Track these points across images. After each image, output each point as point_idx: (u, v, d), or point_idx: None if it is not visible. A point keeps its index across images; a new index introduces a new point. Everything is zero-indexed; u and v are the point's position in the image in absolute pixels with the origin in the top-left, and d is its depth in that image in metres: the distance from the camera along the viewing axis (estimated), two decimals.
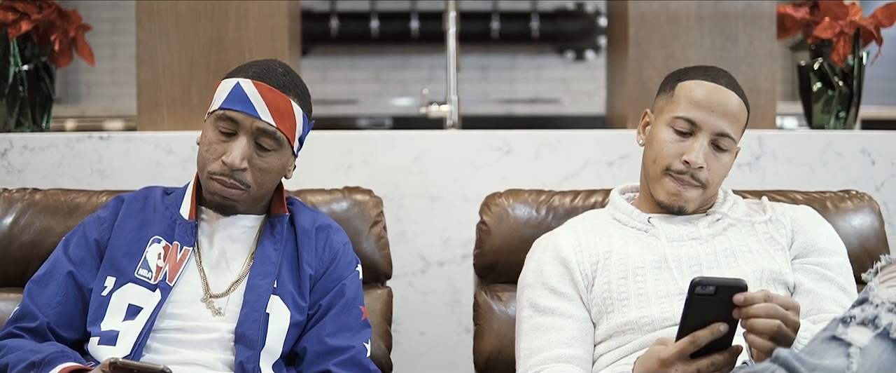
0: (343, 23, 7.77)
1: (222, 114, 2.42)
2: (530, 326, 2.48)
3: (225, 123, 2.42)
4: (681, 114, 2.48)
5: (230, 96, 2.43)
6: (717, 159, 2.47)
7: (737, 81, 2.56)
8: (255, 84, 2.43)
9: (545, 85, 8.11)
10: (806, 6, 3.71)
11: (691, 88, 2.50)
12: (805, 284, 2.42)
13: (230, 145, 2.41)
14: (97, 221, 2.53)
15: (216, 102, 2.45)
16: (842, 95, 3.64)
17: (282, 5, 3.62)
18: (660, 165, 2.49)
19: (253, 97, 2.42)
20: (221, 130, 2.43)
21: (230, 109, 2.41)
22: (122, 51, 7.60)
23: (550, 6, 8.00)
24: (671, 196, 2.49)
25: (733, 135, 2.48)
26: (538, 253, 2.58)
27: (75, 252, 2.49)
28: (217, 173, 2.42)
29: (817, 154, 3.47)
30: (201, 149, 2.45)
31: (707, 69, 2.55)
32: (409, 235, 3.43)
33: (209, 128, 2.45)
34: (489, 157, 3.45)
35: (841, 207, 2.87)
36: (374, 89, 8.00)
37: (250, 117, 2.41)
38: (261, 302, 2.41)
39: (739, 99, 2.50)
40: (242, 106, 2.41)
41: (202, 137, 2.47)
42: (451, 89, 4.05)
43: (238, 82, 2.44)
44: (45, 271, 2.48)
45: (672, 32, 3.69)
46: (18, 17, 3.48)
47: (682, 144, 2.47)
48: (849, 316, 1.84)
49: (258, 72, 2.46)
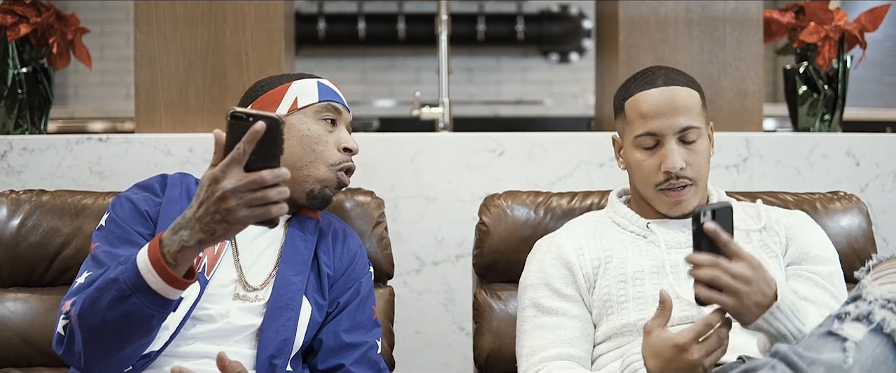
0: (330, 24, 7.80)
1: (327, 104, 2.58)
2: (533, 325, 2.52)
3: (330, 112, 2.57)
4: (639, 132, 2.51)
5: (323, 91, 2.60)
6: (694, 152, 2.50)
7: (673, 69, 2.59)
8: (331, 82, 2.65)
9: (530, 87, 8.16)
10: (792, 11, 3.77)
11: (637, 103, 2.53)
12: (800, 290, 2.46)
13: (338, 134, 2.57)
14: (147, 198, 2.50)
15: (308, 97, 2.58)
16: (827, 98, 3.70)
17: (278, 8, 3.65)
18: (648, 185, 2.53)
19: (339, 93, 2.64)
20: (326, 120, 2.56)
21: (333, 101, 2.59)
22: (111, 52, 7.61)
23: (535, 9, 8.05)
24: (673, 207, 2.53)
25: (695, 123, 2.49)
26: (541, 254, 2.62)
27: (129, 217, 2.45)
28: (340, 162, 2.56)
29: (803, 156, 3.53)
30: (303, 142, 2.53)
31: (643, 75, 2.58)
32: (404, 236, 3.47)
33: (308, 122, 2.55)
34: (483, 158, 3.50)
35: (830, 208, 2.93)
36: (361, 91, 8.03)
37: (345, 110, 2.63)
38: (295, 300, 2.43)
39: (683, 87, 2.52)
40: (338, 99, 2.62)
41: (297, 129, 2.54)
42: (442, 92, 4.09)
43: (317, 81, 2.61)
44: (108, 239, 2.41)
45: (661, 36, 3.74)
46: (17, 20, 3.51)
47: (656, 157, 2.50)
48: (844, 312, 1.91)
49: (317, 76, 2.65)
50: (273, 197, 1.94)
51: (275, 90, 2.58)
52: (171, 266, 2.02)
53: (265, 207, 1.94)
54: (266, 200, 1.93)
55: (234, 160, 1.92)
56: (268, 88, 2.59)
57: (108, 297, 2.07)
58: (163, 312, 2.09)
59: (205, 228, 1.98)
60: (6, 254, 2.78)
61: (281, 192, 1.94)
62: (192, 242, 2.00)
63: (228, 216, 1.95)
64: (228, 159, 1.92)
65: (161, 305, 2.06)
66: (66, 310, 2.21)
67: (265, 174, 1.92)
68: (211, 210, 1.96)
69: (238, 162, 1.92)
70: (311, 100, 2.56)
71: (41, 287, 2.81)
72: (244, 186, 1.92)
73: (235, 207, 1.93)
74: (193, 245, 2.01)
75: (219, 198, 1.94)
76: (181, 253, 2.01)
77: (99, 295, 2.09)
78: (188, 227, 2.00)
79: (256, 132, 1.90)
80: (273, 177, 1.92)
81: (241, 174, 1.93)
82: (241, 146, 1.91)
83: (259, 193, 1.93)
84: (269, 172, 1.92)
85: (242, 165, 1.92)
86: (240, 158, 1.92)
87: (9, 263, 2.79)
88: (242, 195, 1.93)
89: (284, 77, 2.62)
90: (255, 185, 1.92)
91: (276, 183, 1.93)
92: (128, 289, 2.05)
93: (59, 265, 2.80)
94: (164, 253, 2.02)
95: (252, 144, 1.91)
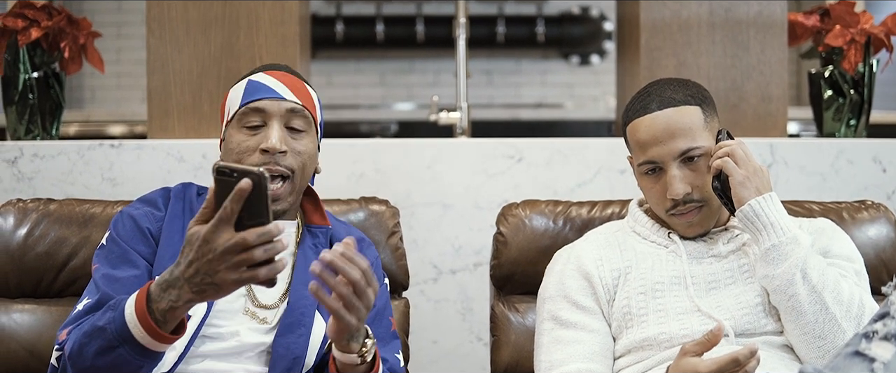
0: (348, 27, 7.76)
1: (246, 109, 2.39)
2: (551, 338, 2.47)
3: (251, 116, 2.39)
4: (640, 160, 2.47)
5: (247, 92, 2.41)
6: (700, 172, 2.44)
7: (671, 83, 2.52)
8: (268, 74, 2.44)
9: (550, 90, 8.11)
10: (817, 14, 3.70)
11: (635, 131, 2.48)
12: None
13: (263, 135, 2.39)
14: (149, 214, 2.42)
15: (233, 106, 2.42)
16: (852, 102, 3.64)
17: (293, 11, 3.60)
18: (659, 210, 2.50)
19: (272, 84, 2.41)
20: (248, 126, 2.39)
21: (253, 100, 2.39)
22: (127, 55, 7.58)
23: (556, 11, 7.99)
24: (687, 229, 2.49)
25: (696, 143, 2.43)
26: (560, 266, 2.56)
27: (129, 235, 2.38)
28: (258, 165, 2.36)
29: (829, 162, 3.47)
30: (229, 157, 2.40)
31: (639, 98, 2.52)
32: (420, 243, 3.42)
33: (233, 133, 2.41)
34: (501, 164, 3.44)
35: (857, 217, 2.86)
36: (379, 94, 7.99)
37: (277, 101, 2.40)
38: (307, 316, 2.36)
39: (679, 106, 2.45)
40: (265, 93, 2.40)
41: (226, 145, 2.43)
42: (460, 96, 4.03)
43: (249, 79, 2.44)
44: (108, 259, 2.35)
45: (684, 40, 3.68)
46: (28, 24, 3.47)
47: (660, 183, 2.45)
48: (871, 331, 1.83)
49: (264, 67, 2.47)
50: (259, 257, 1.88)
51: (221, 105, 2.49)
52: (159, 324, 1.99)
53: (253, 269, 1.89)
54: (252, 260, 1.88)
55: (222, 220, 1.87)
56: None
57: (95, 344, 2.04)
58: (151, 363, 2.05)
59: (194, 289, 1.94)
60: (13, 264, 2.73)
61: (267, 250, 1.88)
62: (180, 302, 1.96)
63: (217, 278, 1.91)
64: (216, 220, 1.88)
65: (149, 357, 2.03)
66: (62, 340, 2.17)
67: (248, 235, 1.87)
68: (202, 271, 1.91)
69: (227, 222, 1.87)
70: (234, 108, 2.42)
71: (48, 298, 2.76)
72: (230, 248, 1.87)
73: (223, 270, 1.89)
74: (182, 305, 1.97)
75: (209, 260, 1.89)
76: (170, 312, 1.97)
77: (87, 341, 2.06)
78: (177, 286, 1.95)
79: (242, 191, 1.85)
80: (256, 237, 1.87)
81: (231, 233, 1.88)
82: (227, 206, 1.86)
83: (244, 255, 1.88)
84: (252, 233, 1.87)
85: (231, 224, 1.88)
86: (228, 218, 1.87)
87: (15, 273, 2.74)
88: (229, 258, 1.88)
89: (238, 81, 2.49)
90: (239, 246, 1.87)
91: (261, 242, 1.88)
92: (115, 340, 2.01)
93: (67, 276, 2.74)
94: (151, 309, 1.98)
95: (239, 202, 1.86)
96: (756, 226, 2.35)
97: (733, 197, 2.37)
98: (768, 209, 2.35)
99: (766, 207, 2.35)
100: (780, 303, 2.33)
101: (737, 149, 2.38)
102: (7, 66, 3.52)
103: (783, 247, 2.32)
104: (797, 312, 2.30)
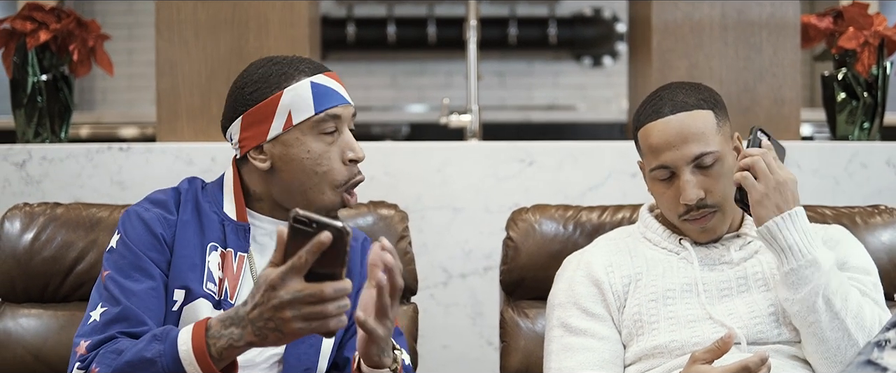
0: (360, 29, 7.75)
1: (325, 116, 2.27)
2: (560, 345, 2.44)
3: (329, 122, 2.28)
4: (653, 165, 2.42)
5: (318, 97, 2.28)
6: (712, 177, 2.39)
7: (683, 87, 2.47)
8: (326, 75, 2.33)
9: (562, 91, 8.09)
10: (830, 16, 3.67)
11: (647, 136, 2.44)
12: None
13: (340, 143, 2.31)
14: (160, 217, 2.31)
15: (303, 110, 2.27)
16: (866, 105, 3.61)
17: (302, 13, 3.59)
18: (672, 216, 2.45)
19: (336, 87, 2.32)
20: (326, 132, 2.29)
21: (331, 107, 2.29)
22: (138, 57, 7.58)
23: (568, 12, 7.97)
24: (700, 234, 2.45)
25: (709, 148, 2.38)
26: (569, 272, 2.53)
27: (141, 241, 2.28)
28: (347, 181, 2.33)
29: (842, 166, 3.44)
30: (304, 164, 2.28)
31: (650, 102, 2.47)
32: (430, 247, 3.40)
33: (306, 140, 2.28)
34: (512, 168, 3.43)
35: (870, 222, 2.82)
36: (391, 96, 7.98)
37: (347, 107, 2.32)
38: None
39: (692, 110, 2.41)
40: (337, 99, 2.30)
41: (292, 152, 2.29)
42: (471, 99, 4.01)
43: (310, 81, 2.30)
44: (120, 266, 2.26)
45: (696, 42, 3.66)
46: (37, 26, 3.46)
47: (673, 188, 2.41)
48: (883, 340, 1.82)
49: (309, 66, 2.34)
50: (331, 312, 1.85)
51: (266, 103, 2.29)
52: (215, 361, 1.95)
53: (322, 321, 1.86)
54: (324, 314, 1.85)
55: (294, 269, 1.83)
56: (258, 97, 2.31)
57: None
58: None
59: (257, 332, 1.90)
60: (19, 268, 2.71)
61: (340, 306, 1.86)
62: (241, 343, 1.93)
63: (283, 326, 1.87)
64: (288, 267, 1.83)
65: None
66: (82, 355, 2.12)
67: (326, 289, 1.83)
68: (265, 316, 1.88)
69: (298, 272, 1.83)
70: (306, 113, 2.27)
71: (55, 303, 2.74)
72: (303, 298, 1.84)
73: (291, 319, 1.86)
74: (242, 346, 1.93)
75: (275, 306, 1.86)
76: (227, 350, 1.94)
77: (131, 371, 2.02)
78: (240, 326, 1.92)
79: (321, 244, 1.81)
80: (333, 291, 1.84)
81: (301, 284, 1.84)
82: (303, 255, 1.82)
83: (318, 308, 1.85)
84: (330, 286, 1.84)
85: (303, 274, 1.84)
86: (301, 268, 1.83)
87: (22, 278, 2.71)
88: (300, 308, 1.85)
89: (273, 76, 2.32)
90: (314, 298, 1.84)
91: (337, 297, 1.85)
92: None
93: (74, 280, 2.72)
94: (209, 344, 1.95)
95: (315, 255, 1.82)
96: (774, 248, 2.27)
97: (752, 214, 2.30)
98: (787, 230, 2.26)
99: (785, 227, 2.25)
100: (801, 326, 2.28)
101: (759, 161, 2.28)
102: (15, 69, 3.51)
103: (802, 271, 2.24)
104: (818, 337, 2.25)
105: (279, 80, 2.30)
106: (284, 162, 2.30)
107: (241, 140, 2.34)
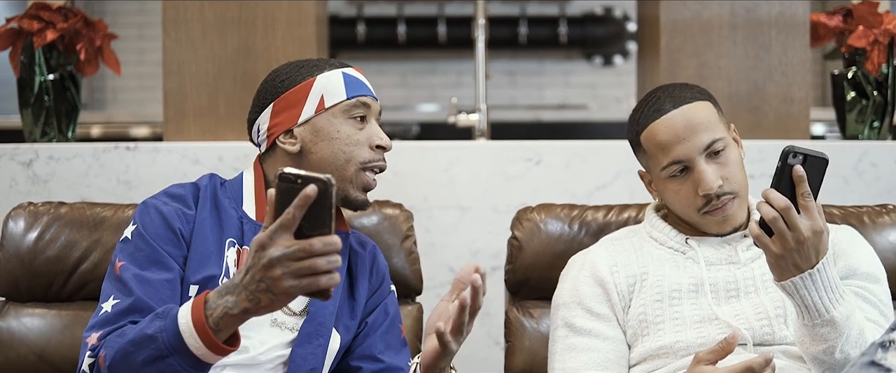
0: (370, 28, 7.75)
1: (356, 101, 2.37)
2: (564, 346, 2.43)
3: (360, 109, 2.37)
4: (665, 162, 2.40)
5: (350, 85, 2.38)
6: (725, 164, 2.38)
7: (677, 86, 2.47)
8: (355, 70, 2.44)
9: (573, 90, 8.07)
10: (839, 14, 3.65)
11: (653, 136, 2.42)
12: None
13: (370, 130, 2.39)
14: (179, 211, 2.32)
15: (335, 95, 2.37)
16: (876, 104, 3.59)
17: (310, 12, 3.58)
18: (690, 212, 2.43)
19: (366, 81, 2.43)
20: (356, 117, 2.37)
21: (362, 95, 2.38)
22: (150, 56, 7.59)
23: (579, 11, 7.96)
24: (721, 225, 2.42)
25: (718, 135, 2.38)
26: (574, 272, 2.52)
27: (158, 234, 2.29)
28: (371, 161, 2.37)
29: (851, 165, 3.42)
30: (333, 144, 2.35)
31: (648, 103, 2.47)
32: (438, 247, 3.39)
33: (337, 122, 2.35)
34: (519, 167, 3.41)
35: (878, 222, 2.80)
36: (401, 95, 7.98)
37: (375, 100, 2.42)
38: (326, 327, 2.31)
39: (693, 102, 2.41)
40: (366, 90, 2.41)
41: (323, 134, 2.36)
42: (479, 98, 4.00)
43: (343, 72, 2.40)
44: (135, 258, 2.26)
45: (704, 41, 3.64)
46: (44, 26, 3.46)
47: (689, 182, 2.39)
48: (888, 341, 1.80)
49: (338, 62, 2.45)
50: (322, 266, 1.82)
51: (298, 88, 2.38)
52: (214, 332, 1.93)
53: (313, 278, 1.83)
54: (314, 269, 1.82)
55: (282, 226, 1.81)
56: (289, 84, 2.39)
57: (144, 354, 1.98)
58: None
59: (250, 297, 1.88)
60: (23, 268, 2.70)
61: (331, 261, 1.82)
62: (236, 310, 1.90)
63: (274, 286, 1.84)
64: (277, 225, 1.81)
65: (200, 368, 1.96)
66: (93, 344, 2.11)
67: (314, 242, 1.80)
68: (256, 278, 1.85)
69: (287, 228, 1.81)
70: (338, 97, 2.36)
71: (59, 302, 2.73)
72: (291, 254, 1.81)
73: (281, 276, 1.82)
74: (237, 314, 1.91)
75: (264, 265, 1.83)
76: (224, 319, 1.91)
77: (134, 350, 2.00)
78: (234, 293, 1.90)
79: (307, 197, 1.78)
80: (323, 245, 1.81)
81: (290, 241, 1.82)
82: (290, 211, 1.80)
83: (306, 262, 1.81)
84: (318, 241, 1.81)
85: (292, 231, 1.81)
86: (289, 224, 1.81)
87: (26, 277, 2.71)
88: (289, 264, 1.82)
89: (305, 67, 2.42)
90: (303, 253, 1.81)
91: (327, 252, 1.82)
92: (166, 349, 1.95)
93: (78, 280, 2.71)
94: (207, 316, 1.93)
95: (302, 209, 1.79)
96: (794, 301, 2.17)
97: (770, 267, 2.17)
98: (804, 290, 2.13)
99: (803, 287, 2.13)
100: (810, 363, 2.23)
101: (778, 222, 2.09)
102: (23, 68, 3.51)
103: (818, 329, 2.16)
104: (827, 364, 2.20)
105: (312, 70, 2.40)
106: (314, 143, 2.36)
107: (270, 128, 2.39)
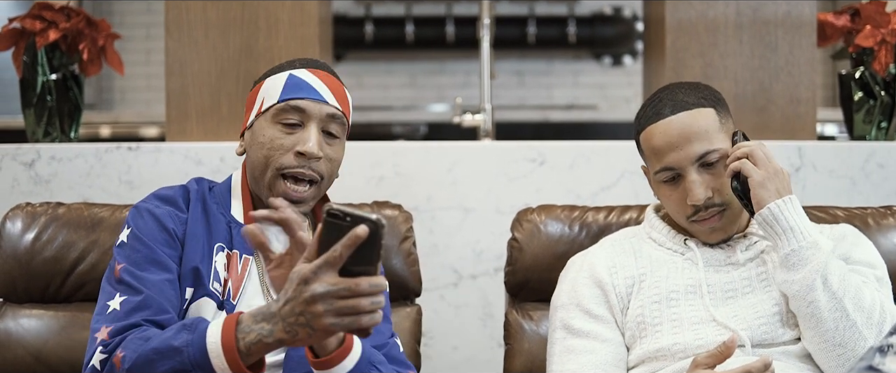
0: (378, 28, 7.74)
1: (285, 105, 2.29)
2: (563, 348, 2.41)
3: (290, 113, 2.29)
4: (657, 167, 2.39)
5: (288, 88, 2.31)
6: (717, 176, 2.37)
7: (683, 87, 2.45)
8: (311, 71, 2.34)
9: (582, 90, 8.05)
10: (847, 14, 3.63)
11: (649, 139, 2.41)
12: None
13: (300, 136, 2.29)
14: (171, 213, 2.31)
15: (270, 98, 2.31)
16: (883, 104, 3.56)
17: (312, 12, 3.57)
18: (680, 218, 2.42)
19: (314, 84, 2.32)
20: (285, 123, 2.29)
21: (295, 98, 2.29)
22: (156, 56, 7.59)
23: (588, 11, 7.94)
24: (710, 235, 2.42)
25: (713, 146, 2.36)
26: (573, 273, 2.50)
27: (153, 236, 2.27)
28: (289, 167, 2.27)
29: (859, 166, 3.40)
30: (258, 150, 2.30)
31: (650, 104, 2.45)
32: (440, 248, 3.37)
33: (265, 126, 2.31)
34: (523, 168, 3.39)
35: (882, 223, 2.78)
36: (409, 95, 7.97)
37: (318, 103, 2.30)
38: None
39: (693, 109, 2.38)
40: (307, 93, 2.30)
41: (254, 138, 2.32)
42: (484, 98, 3.99)
43: (290, 74, 2.33)
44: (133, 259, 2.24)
45: (710, 41, 3.62)
46: (46, 25, 3.45)
47: (679, 190, 2.38)
48: (886, 345, 1.78)
49: (305, 62, 2.37)
50: (365, 307, 1.81)
51: (253, 90, 2.38)
52: (243, 355, 1.92)
53: (355, 316, 1.82)
54: (357, 309, 1.81)
55: (328, 263, 1.80)
56: (254, 85, 2.40)
57: (167, 364, 1.97)
58: None
59: (288, 329, 1.87)
60: (20, 269, 2.69)
61: (375, 302, 1.82)
62: (270, 339, 1.90)
63: (314, 322, 1.84)
64: (322, 261, 1.80)
65: None
66: (104, 340, 2.09)
67: (361, 282, 1.80)
68: (296, 311, 1.84)
69: (333, 266, 1.80)
70: (271, 101, 2.31)
71: (56, 303, 2.71)
72: (336, 292, 1.80)
73: (323, 313, 1.82)
74: (271, 343, 1.90)
75: (307, 300, 1.82)
76: (257, 345, 1.91)
77: (157, 358, 1.99)
78: (271, 321, 1.89)
79: (357, 238, 1.78)
80: (369, 286, 1.80)
81: (335, 278, 1.81)
82: (338, 250, 1.79)
83: (351, 302, 1.81)
84: (365, 281, 1.80)
85: (337, 268, 1.81)
86: (335, 262, 1.80)
87: (23, 278, 2.69)
88: (333, 302, 1.81)
89: (273, 70, 2.39)
90: (348, 293, 1.80)
91: (372, 293, 1.81)
92: (190, 364, 1.95)
93: (75, 281, 2.70)
94: (238, 339, 1.92)
95: (350, 249, 1.79)
96: (775, 230, 2.28)
97: (752, 199, 2.30)
98: (788, 213, 2.27)
99: (787, 210, 2.27)
100: (799, 309, 2.27)
101: (757, 150, 2.31)
102: (25, 68, 3.51)
103: (803, 252, 2.25)
104: (816, 318, 2.23)
105: (271, 72, 2.37)
106: (250, 147, 2.35)
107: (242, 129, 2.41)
